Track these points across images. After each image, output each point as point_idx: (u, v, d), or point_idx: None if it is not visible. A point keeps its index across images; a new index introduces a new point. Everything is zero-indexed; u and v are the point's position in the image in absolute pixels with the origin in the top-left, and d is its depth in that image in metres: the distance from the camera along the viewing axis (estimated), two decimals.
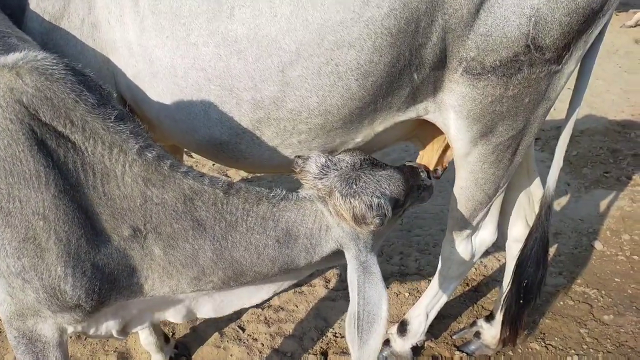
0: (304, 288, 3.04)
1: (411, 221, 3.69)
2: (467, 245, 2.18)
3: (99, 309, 1.53)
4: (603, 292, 3.01)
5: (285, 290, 3.01)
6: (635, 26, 7.67)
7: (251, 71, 1.65)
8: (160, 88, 1.84)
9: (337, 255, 1.63)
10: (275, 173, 2.16)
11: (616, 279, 3.11)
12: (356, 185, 1.49)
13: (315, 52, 1.59)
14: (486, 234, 2.19)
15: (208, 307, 1.77)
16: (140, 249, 1.48)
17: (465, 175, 1.95)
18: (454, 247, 2.19)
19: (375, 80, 1.63)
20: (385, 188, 1.52)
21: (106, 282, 1.46)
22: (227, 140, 1.85)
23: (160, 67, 1.79)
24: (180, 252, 1.48)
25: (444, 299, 2.41)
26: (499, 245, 3.35)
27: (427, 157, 2.16)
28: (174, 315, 1.76)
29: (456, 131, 1.81)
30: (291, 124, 1.73)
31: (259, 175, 4.09)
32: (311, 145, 1.82)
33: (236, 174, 4.13)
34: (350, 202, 1.46)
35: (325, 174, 1.54)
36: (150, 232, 1.45)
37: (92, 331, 1.66)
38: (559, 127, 2.04)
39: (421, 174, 1.78)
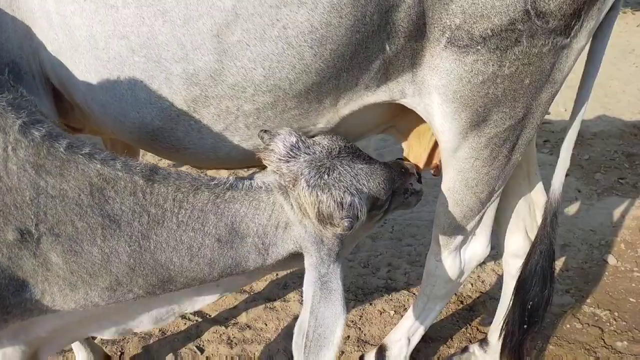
0: (277, 303, 2.71)
1: (402, 229, 3.35)
2: (455, 260, 1.85)
3: None
4: (616, 314, 2.69)
5: (254, 305, 2.69)
6: None
7: (180, 37, 1.35)
8: (83, 65, 1.56)
9: (298, 259, 1.39)
10: (232, 168, 1.81)
11: (631, 299, 2.78)
12: (328, 175, 1.27)
13: (256, 10, 1.28)
14: (478, 247, 1.85)
15: (143, 319, 1.49)
16: (32, 257, 1.18)
17: (453, 175, 1.62)
18: (439, 260, 1.86)
19: (334, 49, 1.32)
20: (363, 184, 1.31)
21: None
22: (160, 126, 1.54)
23: (80, 38, 1.51)
24: (86, 258, 1.21)
25: (428, 322, 2.07)
26: (499, 258, 3.04)
27: (415, 153, 1.83)
28: (99, 331, 1.49)
29: (441, 119, 1.48)
30: (234, 103, 1.42)
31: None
32: None
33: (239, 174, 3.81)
34: (317, 195, 1.23)
35: (294, 157, 1.31)
36: (45, 235, 1.17)
37: None
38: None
39: (411, 175, 1.59)
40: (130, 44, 1.41)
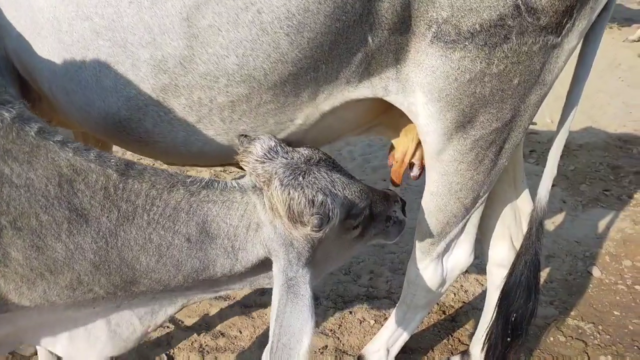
0: (253, 310, 2.61)
1: None
2: (437, 268, 1.77)
3: None
4: (600, 327, 2.63)
5: (229, 311, 2.59)
6: (638, 40, 7.68)
7: (147, 19, 1.26)
8: (47, 49, 1.47)
9: (267, 272, 1.35)
10: (206, 165, 1.72)
11: (615, 312, 2.73)
12: (303, 178, 1.25)
13: None
14: (461, 255, 1.78)
15: (100, 332, 1.36)
16: None
17: (436, 179, 1.55)
18: (421, 269, 1.77)
19: (312, 37, 1.24)
20: (339, 190, 1.28)
21: None
22: (127, 117, 1.45)
23: (43, 20, 1.42)
24: (49, 254, 1.12)
25: (408, 332, 1.99)
26: (482, 267, 2.97)
27: (402, 147, 1.75)
28: (49, 343, 1.37)
29: (426, 120, 1.40)
30: (207, 94, 1.33)
31: None
32: (239, 125, 1.43)
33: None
34: (289, 192, 1.21)
35: (270, 159, 1.30)
36: (5, 228, 1.08)
37: None
38: None
39: (395, 204, 1.54)
40: (94, 26, 1.31)
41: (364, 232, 1.44)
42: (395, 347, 2.02)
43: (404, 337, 2.00)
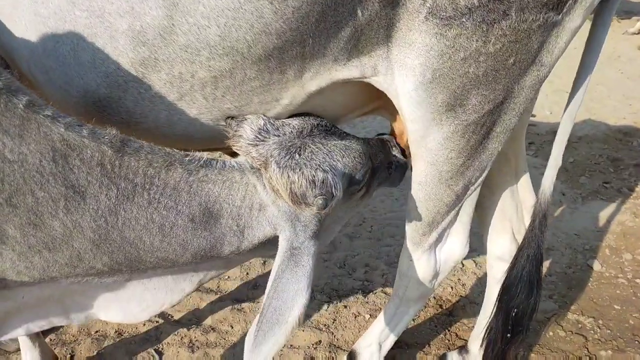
0: (245, 304, 2.54)
1: (381, 229, 3.21)
2: (430, 259, 1.70)
3: None
4: (600, 321, 2.57)
5: (221, 306, 2.52)
6: (638, 33, 7.65)
7: None
8: (24, 24, 1.39)
9: (277, 244, 1.33)
10: (193, 148, 1.65)
11: (616, 306, 2.67)
12: (299, 155, 1.23)
13: None
14: (455, 247, 1.71)
15: (112, 308, 1.37)
16: None
17: (424, 168, 1.47)
18: (413, 260, 1.71)
19: (297, 7, 1.16)
20: (338, 160, 1.26)
21: None
22: (107, 95, 1.37)
23: None
24: (46, 232, 1.10)
25: (401, 327, 1.93)
26: (481, 260, 2.92)
27: (398, 132, 1.67)
28: (60, 318, 1.36)
29: (414, 105, 1.33)
30: (188, 68, 1.26)
31: None
32: (223, 104, 1.36)
33: None
34: (289, 175, 1.20)
35: (263, 140, 1.28)
36: (2, 205, 1.06)
37: None
38: (554, 131, 1.63)
39: (393, 148, 1.55)
40: None
41: (368, 189, 1.44)
42: (387, 342, 1.95)
43: (397, 331, 1.93)
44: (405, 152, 1.56)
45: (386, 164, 1.51)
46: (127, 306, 1.37)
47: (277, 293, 1.17)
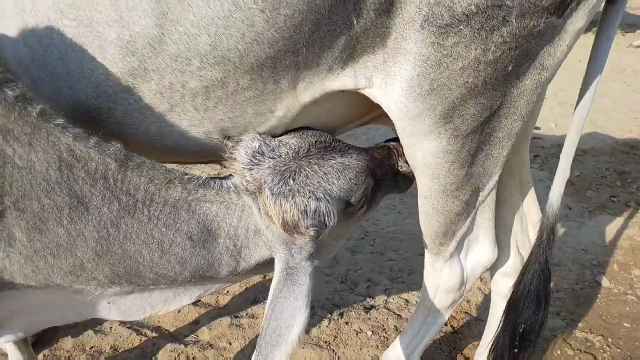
0: (244, 320, 2.48)
1: (384, 242, 3.16)
2: (453, 268, 1.67)
3: None
4: (610, 339, 2.49)
5: (219, 321, 2.47)
6: None
7: None
8: (11, 33, 1.39)
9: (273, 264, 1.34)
10: (185, 162, 1.63)
11: (625, 324, 2.59)
12: (293, 180, 1.21)
13: None
14: (481, 253, 1.68)
15: (112, 309, 1.39)
16: None
17: (427, 182, 1.44)
18: (437, 270, 1.69)
19: (290, 16, 1.14)
20: (333, 184, 1.24)
21: None
22: (96, 105, 1.36)
23: (7, 0, 1.34)
24: (51, 238, 1.14)
25: (429, 337, 1.88)
26: (485, 276, 2.85)
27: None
28: (61, 318, 1.40)
29: (411, 117, 1.30)
30: (178, 78, 1.24)
31: None
32: (215, 115, 1.33)
33: None
34: (281, 204, 1.19)
35: (257, 164, 1.27)
36: (10, 208, 1.09)
37: None
38: (560, 144, 1.58)
39: (400, 157, 1.52)
40: (58, 4, 1.23)
41: (371, 203, 1.41)
42: (415, 354, 1.90)
43: (425, 342, 1.88)
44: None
45: (392, 173, 1.49)
46: (125, 310, 1.39)
47: (275, 314, 1.15)
